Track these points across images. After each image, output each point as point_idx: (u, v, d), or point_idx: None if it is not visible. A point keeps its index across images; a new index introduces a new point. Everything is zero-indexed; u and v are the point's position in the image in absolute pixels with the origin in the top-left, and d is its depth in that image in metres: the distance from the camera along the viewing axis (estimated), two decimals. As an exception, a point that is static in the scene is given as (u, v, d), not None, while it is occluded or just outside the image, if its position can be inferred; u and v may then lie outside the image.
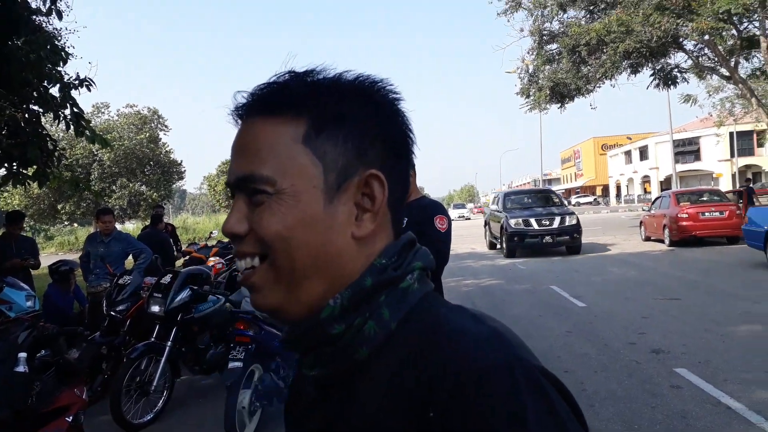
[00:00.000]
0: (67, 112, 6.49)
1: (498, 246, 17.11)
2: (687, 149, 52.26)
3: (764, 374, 4.67)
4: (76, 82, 6.49)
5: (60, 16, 6.38)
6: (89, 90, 6.59)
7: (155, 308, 4.75)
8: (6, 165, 6.58)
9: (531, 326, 6.97)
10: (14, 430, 2.62)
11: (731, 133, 40.09)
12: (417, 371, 0.53)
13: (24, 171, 6.70)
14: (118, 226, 33.13)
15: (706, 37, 15.43)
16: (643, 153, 58.25)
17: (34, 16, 6.21)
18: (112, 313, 5.29)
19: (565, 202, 18.10)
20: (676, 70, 18.52)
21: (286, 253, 0.59)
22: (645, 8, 14.84)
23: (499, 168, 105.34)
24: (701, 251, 14.02)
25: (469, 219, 53.31)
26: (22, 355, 2.79)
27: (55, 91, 6.46)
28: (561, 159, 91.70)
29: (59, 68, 6.36)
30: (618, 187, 66.23)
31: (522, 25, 19.61)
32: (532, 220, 15.06)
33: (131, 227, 34.38)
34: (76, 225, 39.15)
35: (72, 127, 6.55)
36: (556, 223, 14.99)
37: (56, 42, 6.67)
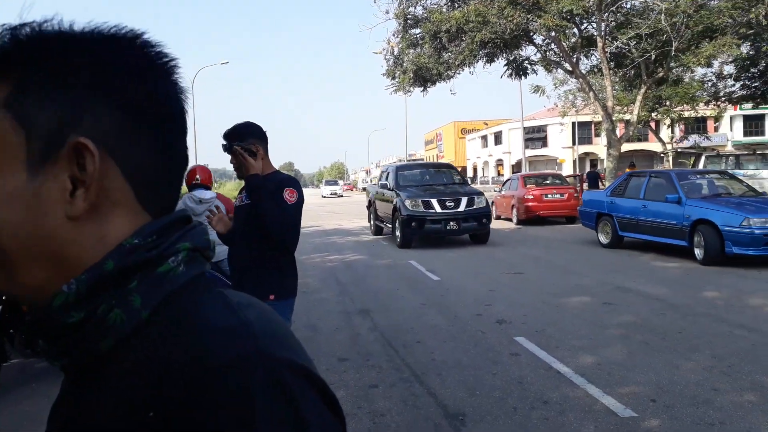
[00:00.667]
0: None
1: (387, 232, 14.42)
2: (536, 136, 56.58)
3: (589, 341, 5.22)
4: None
5: None
6: None
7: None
8: None
9: (389, 299, 7.20)
10: None
11: (573, 123, 44.01)
12: (153, 365, 0.49)
13: None
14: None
15: (553, 33, 16.74)
16: (498, 138, 62.12)
17: None
18: None
19: (468, 181, 15.65)
20: (526, 61, 19.88)
21: None
22: (500, 2, 15.73)
23: (368, 147, 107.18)
24: (544, 229, 15.34)
25: (342, 196, 52.37)
26: None
27: None
28: (425, 141, 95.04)
29: None
30: (475, 169, 70.15)
31: (388, 7, 19.93)
32: (434, 202, 12.21)
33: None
34: None
35: None
36: (462, 206, 12.30)
37: None
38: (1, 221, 0.51)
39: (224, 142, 2.96)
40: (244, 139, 2.94)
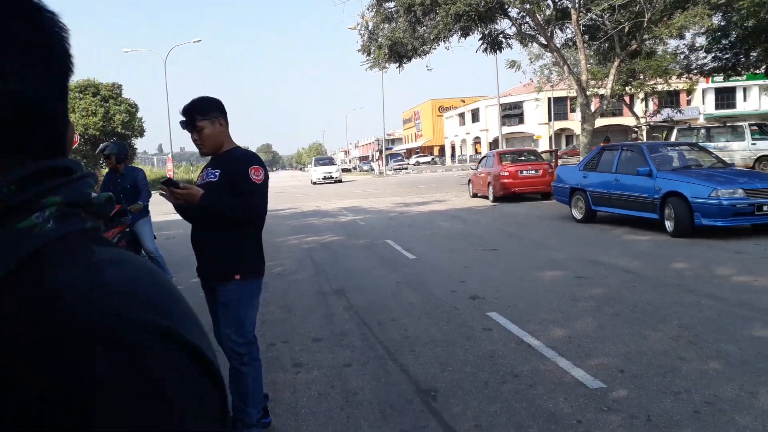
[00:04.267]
0: None
1: None
2: (512, 113, 56.75)
3: (560, 314, 5.29)
4: None
5: None
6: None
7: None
8: None
9: (365, 278, 7.21)
10: None
11: (549, 99, 44.15)
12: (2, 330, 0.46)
13: None
14: None
15: (527, 5, 16.67)
16: (475, 115, 62.17)
17: None
18: None
19: None
20: (501, 35, 19.85)
21: None
22: (475, -26, 15.61)
23: (345, 127, 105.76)
24: (519, 206, 15.43)
25: (340, 182, 37.49)
26: None
27: None
28: (402, 119, 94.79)
29: None
30: (453, 148, 70.24)
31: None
32: None
33: None
34: None
35: None
36: None
37: None
38: None
39: (182, 119, 2.90)
40: (207, 114, 2.89)
